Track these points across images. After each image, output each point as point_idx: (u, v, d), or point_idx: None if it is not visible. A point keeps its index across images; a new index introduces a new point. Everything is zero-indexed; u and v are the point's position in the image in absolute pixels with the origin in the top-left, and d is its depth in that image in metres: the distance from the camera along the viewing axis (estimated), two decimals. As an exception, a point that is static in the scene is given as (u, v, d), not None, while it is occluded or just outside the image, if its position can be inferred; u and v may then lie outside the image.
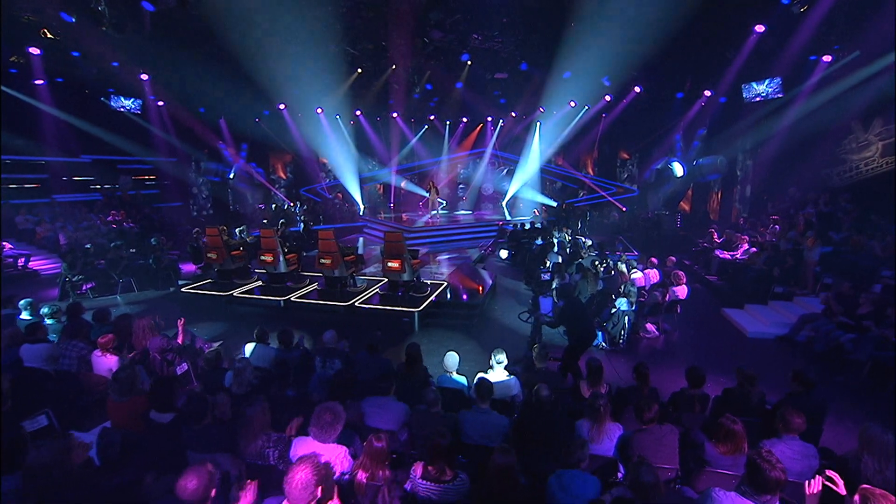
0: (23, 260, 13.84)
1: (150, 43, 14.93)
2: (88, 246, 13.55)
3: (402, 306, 9.95)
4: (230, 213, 20.24)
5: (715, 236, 15.21)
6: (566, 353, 7.02)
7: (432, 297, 10.46)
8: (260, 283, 11.82)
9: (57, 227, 15.14)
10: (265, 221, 18.01)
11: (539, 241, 15.05)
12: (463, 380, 5.91)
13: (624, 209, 21.10)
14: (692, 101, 18.09)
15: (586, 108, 20.94)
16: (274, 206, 20.13)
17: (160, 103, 18.97)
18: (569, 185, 24.07)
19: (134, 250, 13.86)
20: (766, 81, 15.13)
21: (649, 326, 9.44)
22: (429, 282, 11.71)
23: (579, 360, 6.90)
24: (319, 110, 21.44)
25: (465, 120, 25.09)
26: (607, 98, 19.94)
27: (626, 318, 8.76)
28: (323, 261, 10.80)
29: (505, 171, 26.36)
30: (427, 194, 23.88)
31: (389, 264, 10.33)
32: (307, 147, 23.09)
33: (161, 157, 19.42)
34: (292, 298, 10.67)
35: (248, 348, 6.79)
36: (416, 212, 24.15)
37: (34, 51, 14.47)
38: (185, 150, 19.52)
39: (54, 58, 15.17)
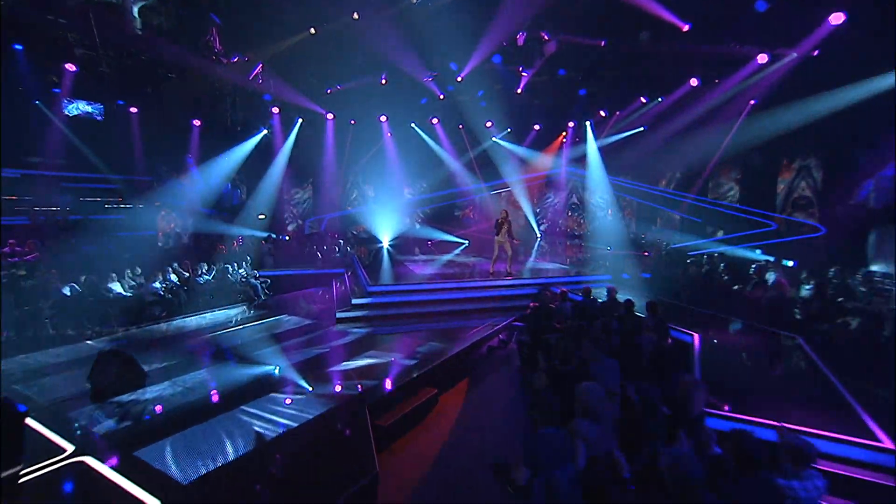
0: None
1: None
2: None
3: None
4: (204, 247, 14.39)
5: None
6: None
7: None
8: None
9: None
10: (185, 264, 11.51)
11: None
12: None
13: (791, 265, 10.30)
14: None
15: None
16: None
17: (133, 109, 14.00)
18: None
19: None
20: None
21: None
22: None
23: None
24: (435, 120, 16.50)
25: (536, 127, 16.31)
26: (760, 59, 9.74)
27: None
28: None
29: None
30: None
31: None
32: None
33: (127, 174, 14.34)
34: None
35: None
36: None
37: None
38: (150, 166, 14.25)
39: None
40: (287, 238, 15.66)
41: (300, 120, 15.73)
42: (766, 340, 7.13)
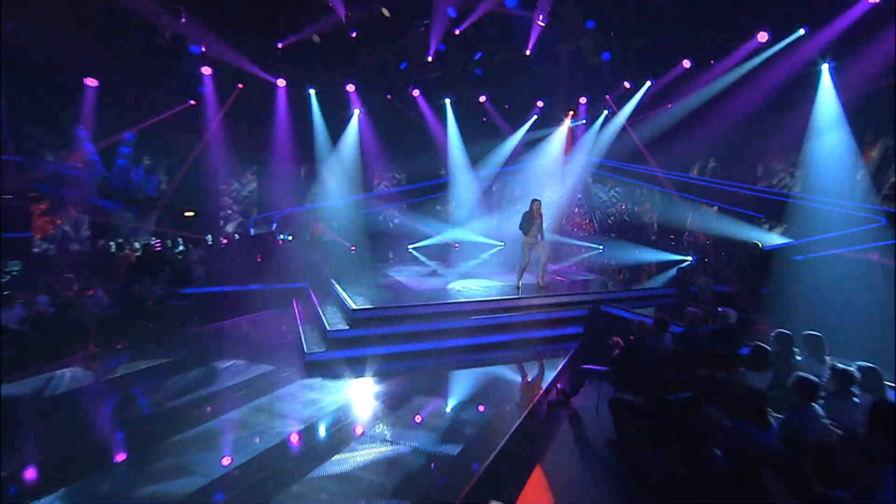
0: None
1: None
2: None
3: None
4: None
5: None
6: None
7: None
8: None
9: None
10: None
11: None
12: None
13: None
14: None
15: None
16: (125, 246, 10.12)
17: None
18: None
19: None
20: None
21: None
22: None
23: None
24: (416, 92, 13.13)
25: (540, 104, 13.77)
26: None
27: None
28: None
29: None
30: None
31: None
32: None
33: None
34: None
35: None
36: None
37: None
38: (21, 141, 10.36)
39: None
40: (225, 242, 12.17)
41: (240, 86, 12.35)
42: None
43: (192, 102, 12.34)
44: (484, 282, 9.60)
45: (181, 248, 11.61)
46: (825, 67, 9.44)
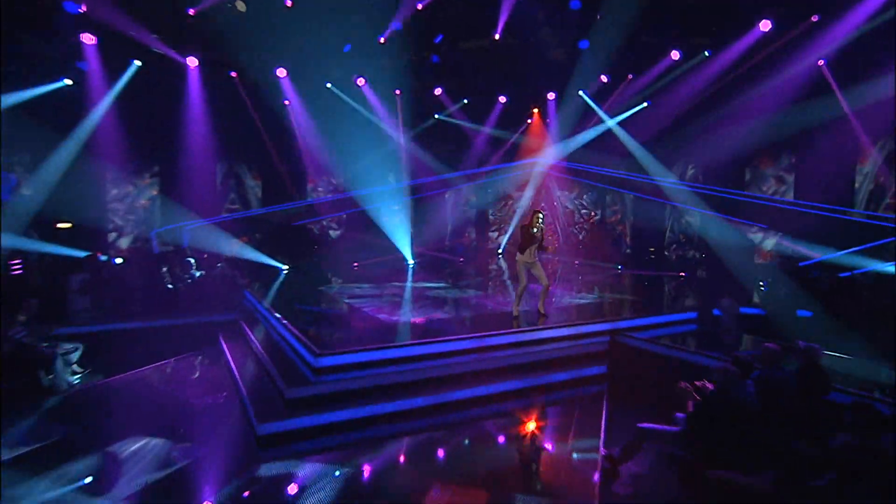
0: None
1: None
2: None
3: None
4: None
5: None
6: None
7: None
8: None
9: None
10: None
11: None
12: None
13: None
14: None
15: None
16: None
17: None
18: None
19: None
20: None
21: None
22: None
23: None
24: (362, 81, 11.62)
25: (502, 100, 12.68)
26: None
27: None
28: None
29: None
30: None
31: None
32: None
33: None
34: None
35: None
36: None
37: None
38: None
39: None
40: (120, 261, 9.64)
41: (137, 64, 10.01)
42: None
43: (69, 82, 9.80)
44: (465, 309, 8.17)
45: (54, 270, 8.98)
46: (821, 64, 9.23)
